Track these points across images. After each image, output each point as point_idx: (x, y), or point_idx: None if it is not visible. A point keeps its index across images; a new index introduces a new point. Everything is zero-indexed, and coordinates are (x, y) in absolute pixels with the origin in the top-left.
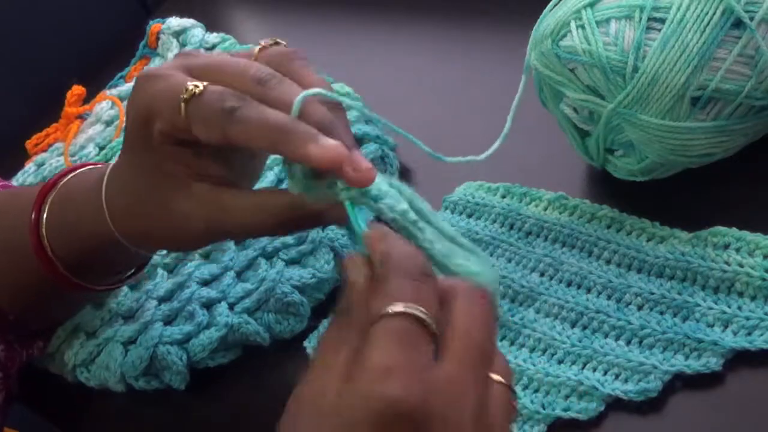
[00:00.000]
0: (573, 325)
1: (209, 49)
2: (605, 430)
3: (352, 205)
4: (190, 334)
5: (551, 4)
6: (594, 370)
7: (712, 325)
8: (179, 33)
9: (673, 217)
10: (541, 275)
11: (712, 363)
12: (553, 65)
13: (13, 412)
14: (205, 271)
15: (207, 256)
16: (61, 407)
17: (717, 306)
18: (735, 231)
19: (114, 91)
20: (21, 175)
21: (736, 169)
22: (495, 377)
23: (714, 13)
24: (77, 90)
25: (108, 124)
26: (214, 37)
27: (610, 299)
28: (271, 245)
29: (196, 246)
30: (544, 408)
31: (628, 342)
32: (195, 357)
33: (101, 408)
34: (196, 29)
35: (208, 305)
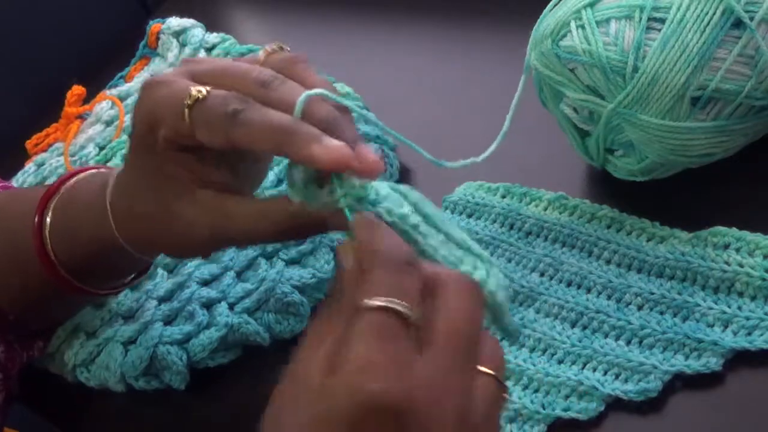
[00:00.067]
0: (573, 325)
1: (209, 50)
2: (605, 430)
3: (350, 212)
4: (190, 334)
5: (551, 4)
6: (594, 370)
7: (712, 325)
8: (179, 33)
9: (673, 217)
10: (541, 275)
11: (712, 363)
12: (553, 65)
13: (13, 412)
14: (205, 271)
15: None
16: (61, 407)
17: (717, 306)
18: (735, 231)
19: (114, 91)
20: (21, 175)
21: (736, 169)
22: (483, 369)
23: (714, 13)
24: (77, 90)
25: (108, 124)
26: (214, 37)
27: (610, 299)
28: (271, 245)
29: (199, 253)
30: (544, 408)
31: (628, 342)
32: (195, 357)
33: (101, 408)
34: (196, 29)
35: (208, 305)
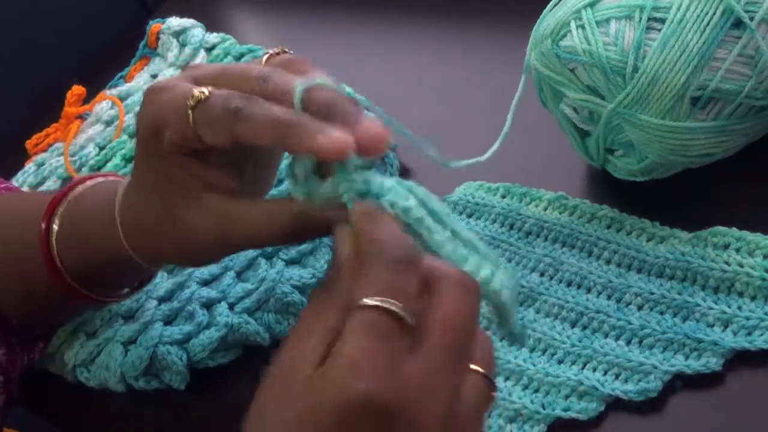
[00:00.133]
0: (573, 325)
1: (209, 50)
2: (605, 430)
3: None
4: (190, 334)
5: (551, 4)
6: (594, 370)
7: (712, 325)
8: (179, 33)
9: (673, 217)
10: (541, 275)
11: (712, 363)
12: (553, 65)
13: (13, 412)
14: (205, 271)
15: None
16: (61, 407)
17: (717, 306)
18: (735, 231)
19: (114, 91)
20: (21, 175)
21: (736, 169)
22: (473, 367)
23: (714, 13)
24: (77, 90)
25: (108, 124)
26: (214, 37)
27: (610, 299)
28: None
29: (205, 259)
30: (544, 408)
31: (628, 342)
32: (195, 357)
33: (101, 408)
34: (196, 29)
35: (208, 305)
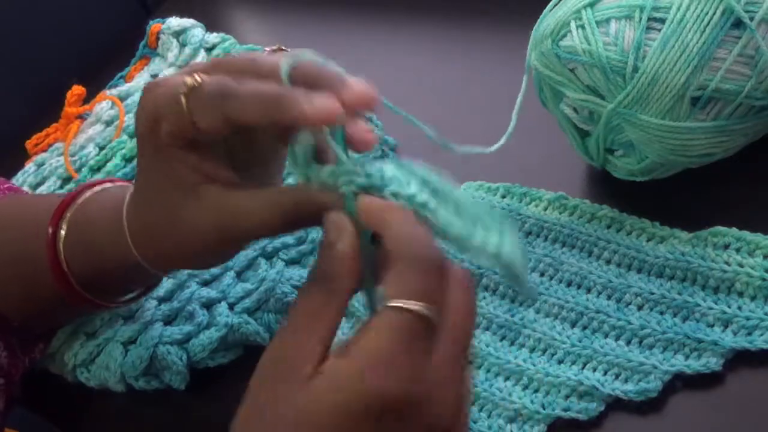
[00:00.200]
0: (573, 325)
1: (209, 50)
2: (605, 430)
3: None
4: (190, 334)
5: (551, 4)
6: (594, 370)
7: (712, 325)
8: (179, 33)
9: (673, 217)
10: (541, 275)
11: (712, 363)
12: (553, 65)
13: (14, 412)
14: (205, 271)
15: None
16: (62, 407)
17: (717, 306)
18: (735, 231)
19: (114, 91)
20: (21, 175)
21: (736, 169)
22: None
23: (714, 13)
24: (77, 90)
25: (108, 124)
26: (214, 37)
27: (610, 299)
28: (271, 245)
29: (207, 258)
30: (544, 408)
31: (628, 342)
32: (195, 357)
33: (101, 408)
34: (196, 29)
35: (208, 305)
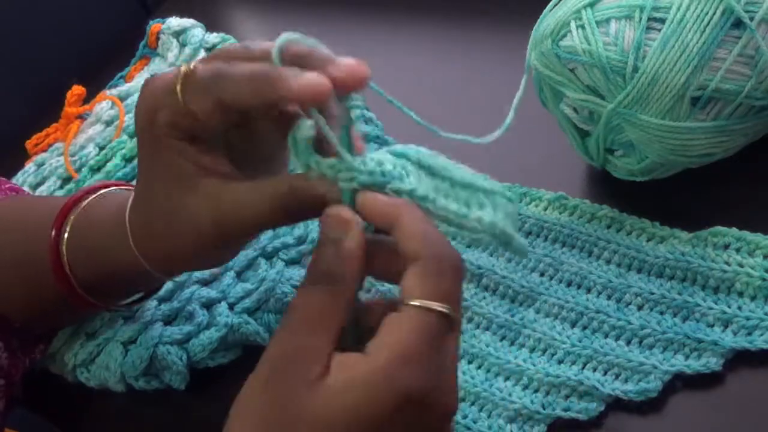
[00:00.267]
0: (573, 325)
1: (209, 50)
2: (605, 430)
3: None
4: (190, 334)
5: (551, 4)
6: (594, 370)
7: (712, 325)
8: (179, 33)
9: (673, 217)
10: (541, 275)
11: (712, 363)
12: (553, 65)
13: (14, 412)
14: (205, 271)
15: None
16: (62, 407)
17: (717, 306)
18: (735, 231)
19: (114, 91)
20: (21, 175)
21: (736, 169)
22: None
23: (714, 13)
24: (77, 90)
25: (108, 124)
26: (214, 37)
27: (610, 299)
28: (271, 245)
29: (207, 256)
30: (544, 408)
31: (628, 342)
32: (195, 357)
33: (101, 408)
34: (196, 29)
35: (208, 305)
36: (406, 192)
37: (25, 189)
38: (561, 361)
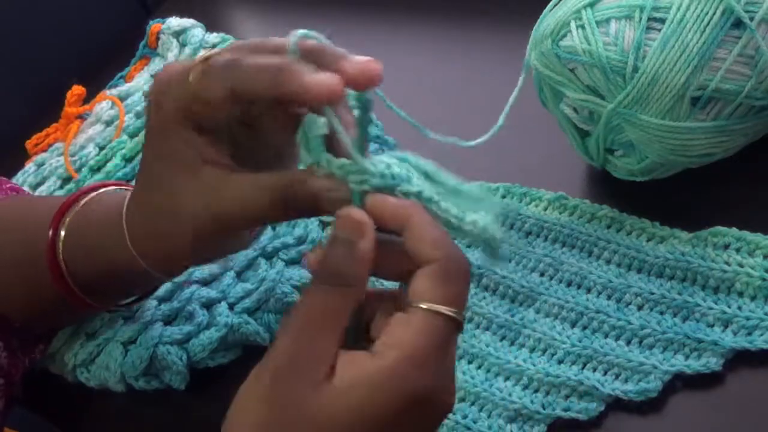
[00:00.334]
0: (573, 325)
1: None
2: (605, 430)
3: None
4: (190, 334)
5: (551, 4)
6: (594, 370)
7: (712, 325)
8: (179, 33)
9: (673, 217)
10: (541, 275)
11: (712, 363)
12: (553, 65)
13: (14, 412)
14: (205, 271)
15: None
16: (62, 407)
17: (717, 306)
18: (735, 231)
19: (114, 91)
20: (21, 175)
21: (736, 169)
22: None
23: (714, 13)
24: (77, 90)
25: (108, 124)
26: (214, 37)
27: (610, 299)
28: (271, 245)
29: (204, 250)
30: (544, 408)
31: (628, 342)
32: (195, 357)
33: (101, 408)
34: (196, 29)
35: (208, 305)
36: (413, 194)
37: (25, 189)
38: (561, 361)
